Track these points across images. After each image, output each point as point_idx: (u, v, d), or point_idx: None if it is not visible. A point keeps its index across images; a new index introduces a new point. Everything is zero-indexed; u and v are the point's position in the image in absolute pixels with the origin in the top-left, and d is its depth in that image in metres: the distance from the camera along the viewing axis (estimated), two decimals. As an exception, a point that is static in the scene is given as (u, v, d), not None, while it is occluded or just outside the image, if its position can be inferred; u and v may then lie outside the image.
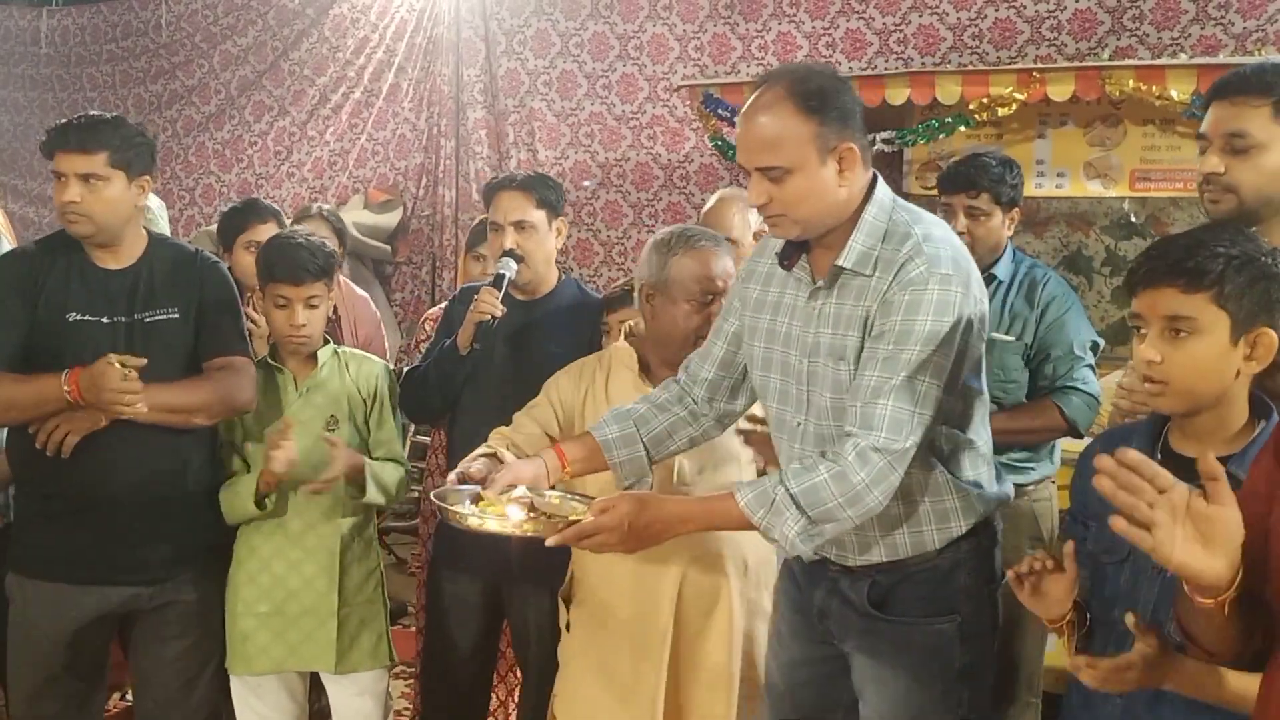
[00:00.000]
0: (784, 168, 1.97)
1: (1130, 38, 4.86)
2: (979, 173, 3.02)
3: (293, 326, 2.74)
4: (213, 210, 7.03)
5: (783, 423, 2.18)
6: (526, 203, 2.93)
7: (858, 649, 2.19)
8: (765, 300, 2.21)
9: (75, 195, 2.56)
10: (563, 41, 6.11)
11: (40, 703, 2.69)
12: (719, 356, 2.30)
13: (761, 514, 1.96)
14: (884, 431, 1.93)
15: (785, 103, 1.97)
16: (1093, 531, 1.88)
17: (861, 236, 2.02)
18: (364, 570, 2.84)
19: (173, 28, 7.18)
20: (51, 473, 2.60)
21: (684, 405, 2.32)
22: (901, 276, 1.97)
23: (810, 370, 2.10)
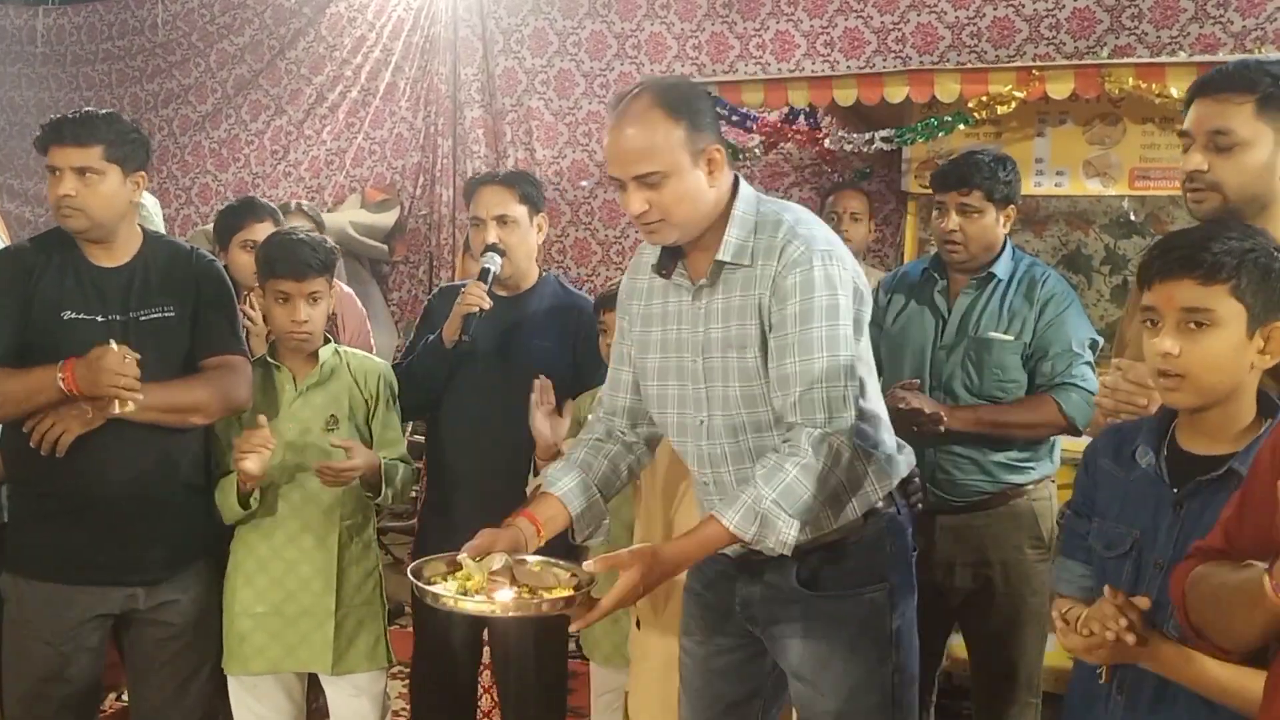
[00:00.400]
0: (661, 173, 2.05)
1: (1129, 36, 4.86)
2: (971, 170, 3.00)
3: (294, 322, 2.72)
4: (209, 210, 7.01)
5: (684, 427, 2.24)
6: (508, 197, 2.96)
7: (788, 632, 2.23)
8: (651, 314, 2.28)
9: (70, 189, 2.55)
10: (560, 40, 6.10)
11: (36, 704, 2.67)
12: (630, 381, 2.34)
13: (754, 530, 2.02)
14: (827, 413, 2.05)
15: (654, 110, 2.05)
16: (1095, 526, 1.88)
17: (735, 230, 2.12)
18: (362, 571, 2.82)
19: (169, 26, 7.16)
20: (46, 472, 2.59)
21: (614, 439, 2.35)
22: (785, 259, 2.08)
23: (706, 367, 2.17)
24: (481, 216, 2.97)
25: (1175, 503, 1.75)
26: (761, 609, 2.26)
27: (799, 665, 2.24)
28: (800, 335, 2.05)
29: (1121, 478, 1.85)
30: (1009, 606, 3.03)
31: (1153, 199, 4.25)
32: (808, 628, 2.21)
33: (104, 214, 2.60)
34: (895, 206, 5.26)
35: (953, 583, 3.01)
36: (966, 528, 3.00)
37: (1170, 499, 1.76)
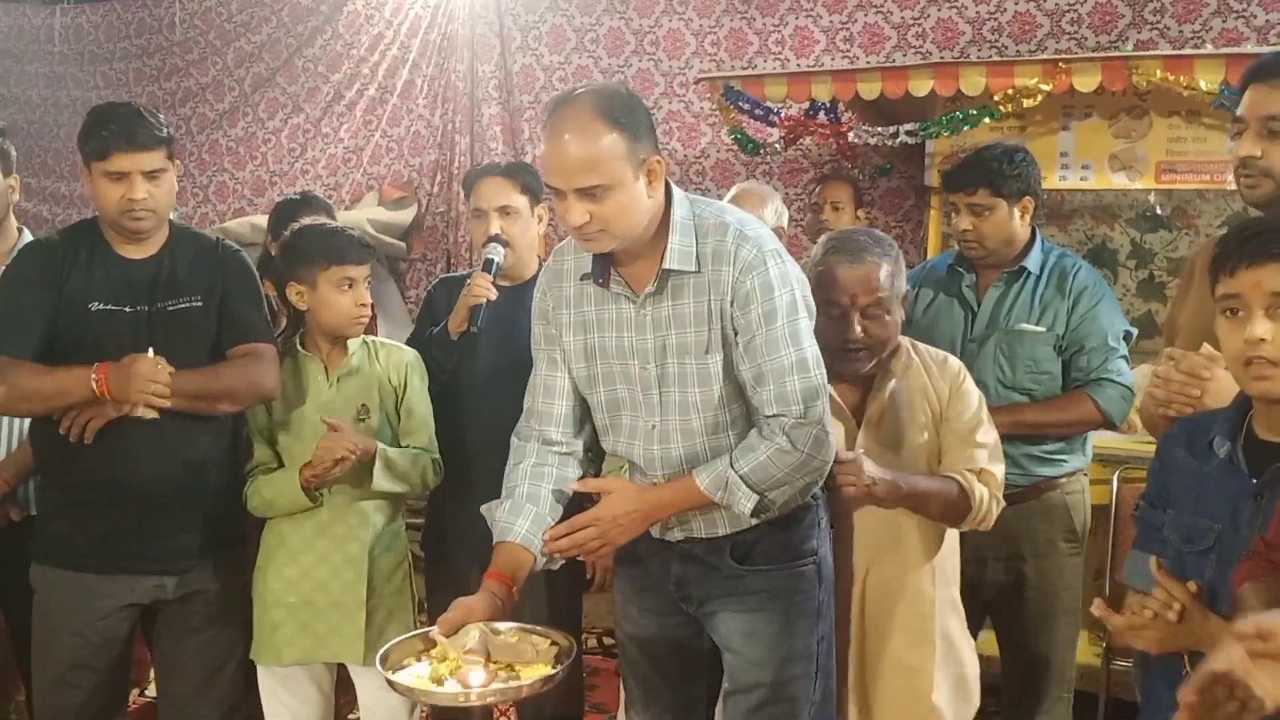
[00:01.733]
0: (604, 185, 2.04)
1: (1151, 30, 4.84)
2: (975, 169, 2.98)
3: (360, 306, 2.74)
4: (226, 208, 7.04)
5: (634, 429, 2.27)
6: (510, 188, 2.96)
7: (723, 607, 2.32)
8: (581, 321, 2.28)
9: (144, 193, 2.56)
10: (578, 37, 6.10)
11: (63, 693, 2.66)
12: (566, 387, 2.33)
13: (720, 494, 2.16)
14: (801, 404, 2.13)
15: (595, 121, 2.04)
16: (1170, 518, 1.85)
17: (677, 238, 2.14)
18: (392, 561, 2.81)
19: (186, 25, 7.18)
20: (74, 462, 2.59)
21: (553, 452, 2.33)
22: (739, 264, 2.12)
23: (661, 374, 2.21)
24: (483, 208, 2.97)
25: (1255, 493, 1.72)
26: (696, 587, 2.33)
27: (732, 638, 2.32)
28: (767, 335, 2.12)
29: (1197, 468, 1.82)
30: (1041, 601, 3.01)
31: (1179, 192, 4.23)
32: (741, 601, 2.30)
33: (167, 210, 2.65)
34: (916, 202, 5.26)
35: (985, 577, 2.99)
36: (998, 521, 2.98)
37: (1249, 489, 1.73)
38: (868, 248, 2.40)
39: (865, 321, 2.38)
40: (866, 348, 2.40)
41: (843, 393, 2.45)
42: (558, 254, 2.34)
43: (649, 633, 2.43)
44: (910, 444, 2.45)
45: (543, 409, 2.34)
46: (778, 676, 2.29)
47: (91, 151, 2.57)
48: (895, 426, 2.45)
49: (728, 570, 2.29)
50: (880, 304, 2.38)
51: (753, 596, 2.29)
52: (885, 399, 2.45)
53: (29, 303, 2.57)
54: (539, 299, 2.36)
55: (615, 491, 2.22)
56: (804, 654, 2.32)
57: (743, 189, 3.57)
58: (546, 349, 2.35)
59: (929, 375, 2.48)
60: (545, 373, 2.35)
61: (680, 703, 2.46)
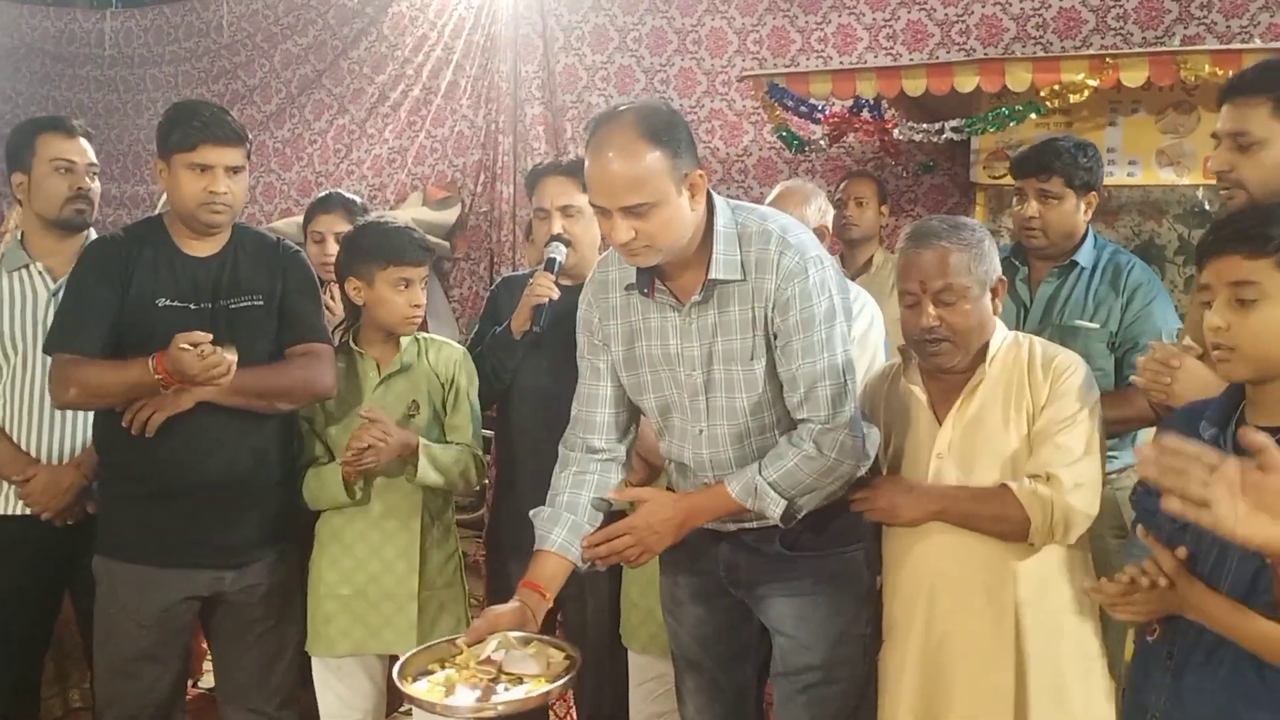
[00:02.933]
0: (649, 203, 2.08)
1: (1198, 26, 4.79)
2: (1051, 156, 3.00)
3: (415, 306, 2.79)
4: (273, 208, 7.12)
5: (684, 432, 2.33)
6: (573, 188, 2.96)
7: (773, 592, 2.37)
8: (626, 331, 2.34)
9: (225, 187, 2.65)
10: (620, 36, 6.12)
11: (124, 682, 2.73)
12: (609, 395, 2.40)
13: (750, 500, 2.23)
14: (829, 410, 2.19)
15: (638, 140, 2.07)
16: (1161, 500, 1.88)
17: (721, 247, 2.19)
18: (444, 554, 2.85)
19: (234, 28, 7.28)
20: (137, 457, 2.65)
21: (596, 460, 2.39)
22: (782, 271, 2.17)
23: (708, 380, 2.26)
24: (546, 207, 2.98)
25: None
26: (746, 572, 2.39)
27: (782, 622, 2.38)
28: (804, 341, 2.18)
29: None
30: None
31: (1228, 188, 4.20)
32: (792, 586, 2.36)
33: (240, 208, 2.74)
34: (960, 199, 5.23)
35: None
36: None
37: None
38: (939, 233, 2.33)
39: (939, 309, 2.30)
40: (945, 338, 2.31)
41: (935, 391, 2.39)
42: (602, 264, 2.39)
43: (698, 617, 2.47)
44: (994, 450, 2.31)
45: (585, 417, 2.40)
46: (828, 659, 2.35)
47: (177, 143, 2.63)
48: (982, 430, 2.33)
49: (777, 556, 2.35)
50: (953, 290, 2.29)
51: (802, 581, 2.35)
52: (975, 400, 2.34)
53: (96, 301, 2.63)
54: (584, 309, 2.41)
55: (650, 500, 2.28)
56: (854, 637, 2.37)
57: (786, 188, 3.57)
58: (590, 358, 2.41)
59: (1030, 374, 2.33)
60: (588, 381, 2.41)
61: (730, 686, 2.50)
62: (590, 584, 2.95)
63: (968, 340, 2.33)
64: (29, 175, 3.02)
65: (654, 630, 2.85)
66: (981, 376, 2.33)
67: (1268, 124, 2.16)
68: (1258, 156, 2.17)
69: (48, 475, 2.91)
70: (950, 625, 2.33)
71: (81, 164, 3.04)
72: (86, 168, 3.06)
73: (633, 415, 2.44)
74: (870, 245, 4.41)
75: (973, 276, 2.31)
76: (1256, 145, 2.17)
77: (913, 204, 5.45)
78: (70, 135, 3.06)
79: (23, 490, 2.91)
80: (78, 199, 3.03)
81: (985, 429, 2.32)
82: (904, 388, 2.45)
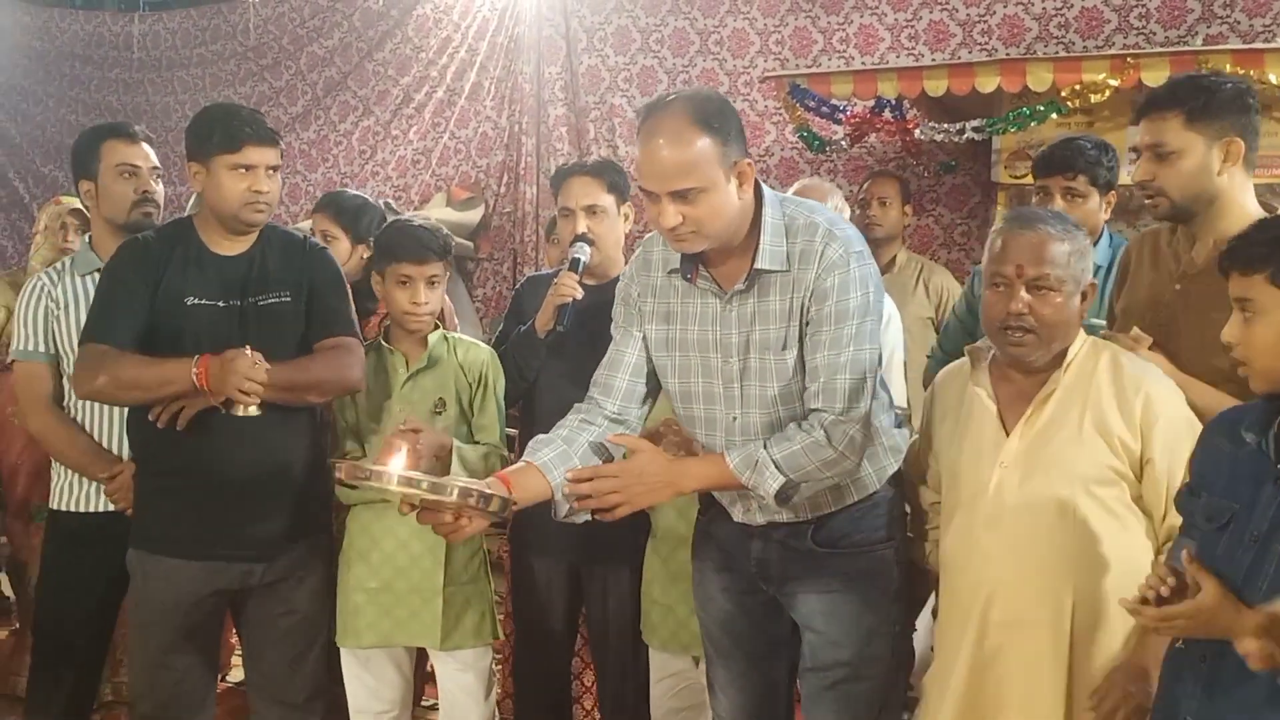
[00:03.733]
0: (698, 188, 2.10)
1: (1221, 25, 4.80)
2: (1076, 155, 3.05)
3: (414, 304, 2.82)
4: (299, 209, 7.18)
5: (713, 421, 2.34)
6: (597, 188, 3.00)
7: (804, 588, 2.39)
8: (665, 312, 2.36)
9: (266, 186, 2.71)
10: (643, 38, 6.16)
11: (158, 674, 2.77)
12: (633, 363, 2.40)
13: (748, 474, 2.20)
14: (845, 403, 2.18)
15: (689, 126, 2.10)
16: (1203, 501, 1.90)
17: (768, 238, 2.20)
18: (468, 551, 2.89)
19: (260, 31, 7.36)
20: (167, 452, 2.70)
21: (605, 416, 2.39)
22: (824, 262, 2.18)
23: (743, 367, 2.28)
24: (571, 207, 3.01)
25: (1276, 476, 1.77)
26: (777, 568, 2.41)
27: (812, 617, 2.40)
28: (834, 332, 2.19)
29: (1230, 454, 1.87)
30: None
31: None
32: (823, 582, 2.38)
33: (276, 205, 2.80)
34: (981, 199, 5.25)
35: None
36: None
37: (1272, 474, 1.78)
38: (1045, 219, 2.23)
39: (1031, 297, 2.18)
40: (1030, 329, 2.19)
41: (1003, 397, 2.28)
42: (648, 244, 2.42)
43: (729, 613, 2.49)
44: (1063, 464, 2.19)
45: (604, 380, 2.42)
46: (857, 655, 2.37)
47: (220, 144, 2.68)
48: (1052, 443, 2.21)
49: (808, 552, 2.37)
50: (1049, 280, 2.17)
51: (834, 578, 2.37)
52: (1047, 410, 2.22)
53: (128, 297, 2.69)
54: (625, 283, 2.44)
55: (644, 452, 2.22)
56: (883, 635, 2.39)
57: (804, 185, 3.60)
58: (625, 325, 2.43)
59: (1116, 390, 2.19)
60: (617, 345, 2.43)
61: (762, 681, 2.52)
62: (612, 581, 2.99)
63: (1052, 335, 2.21)
64: (95, 182, 3.08)
65: (674, 628, 2.88)
66: (1055, 385, 2.22)
67: (1182, 134, 2.31)
68: (1175, 165, 2.32)
69: (132, 471, 2.96)
70: (1004, 639, 2.22)
71: (145, 168, 3.10)
72: (150, 171, 3.12)
73: (651, 390, 2.43)
74: (893, 245, 4.43)
75: (1069, 271, 2.20)
76: (1173, 155, 2.32)
77: (934, 204, 5.47)
78: (133, 140, 3.11)
79: (109, 487, 2.96)
80: (144, 202, 3.08)
81: (1055, 442, 2.20)
82: (970, 391, 2.33)
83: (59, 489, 3.07)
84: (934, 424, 2.45)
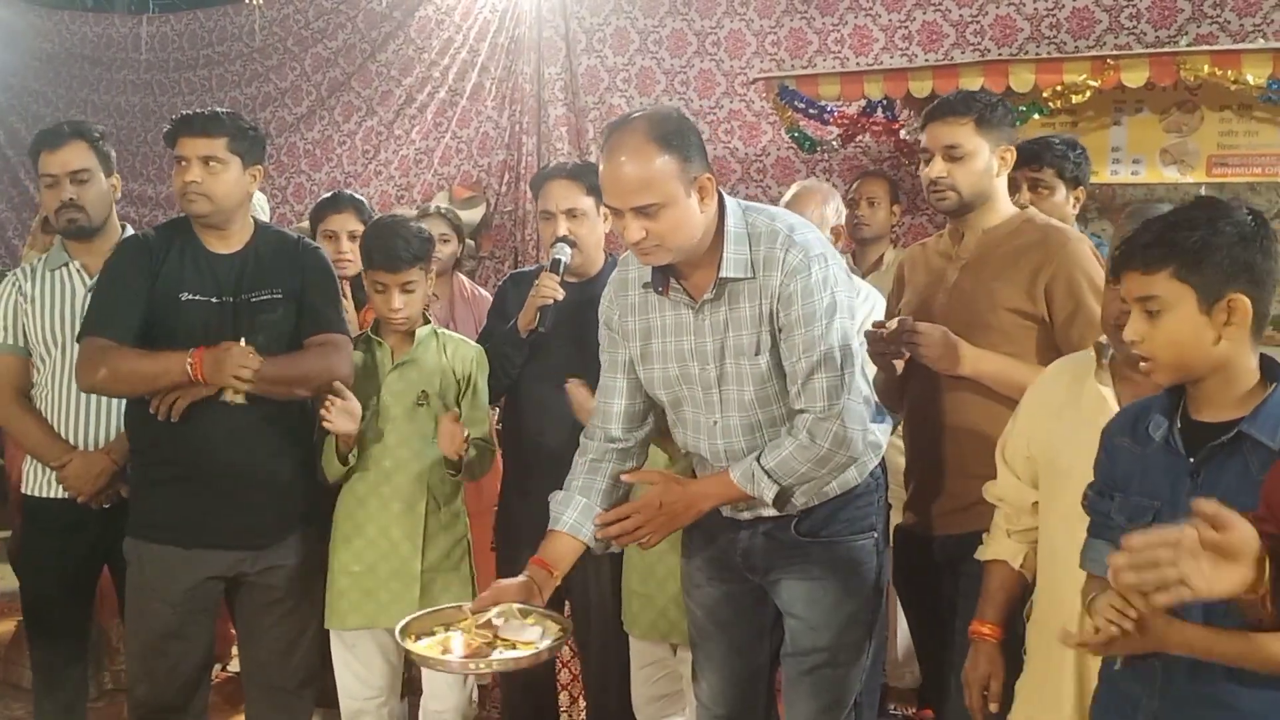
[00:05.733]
0: (657, 204, 2.19)
1: (1211, 24, 4.82)
2: (1043, 149, 3.22)
3: (391, 310, 2.92)
4: (303, 208, 7.25)
5: (698, 424, 2.45)
6: (576, 191, 3.08)
7: (788, 575, 2.48)
8: (643, 328, 2.46)
9: (197, 176, 2.78)
10: (641, 39, 6.22)
11: (155, 659, 2.87)
12: (624, 387, 2.52)
13: (749, 485, 2.32)
14: (824, 401, 2.29)
15: (648, 144, 2.19)
16: (1118, 502, 1.93)
17: (731, 247, 2.30)
18: (451, 538, 2.98)
19: (266, 32, 7.44)
20: (162, 443, 2.80)
21: (613, 449, 2.50)
22: (786, 268, 2.28)
23: (721, 373, 2.37)
24: (551, 210, 3.09)
25: (1191, 471, 1.81)
26: (762, 558, 2.49)
27: (794, 604, 2.49)
28: (805, 335, 2.28)
29: (1139, 452, 1.91)
30: None
31: (1231, 186, 4.25)
32: (805, 570, 2.47)
33: (224, 200, 2.82)
34: (972, 197, 5.30)
35: None
36: None
37: (1186, 468, 1.81)
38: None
39: None
40: None
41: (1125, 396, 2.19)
42: (623, 264, 2.51)
43: (715, 600, 2.58)
44: None
45: (603, 407, 2.52)
46: (834, 642, 2.47)
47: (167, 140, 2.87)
48: None
49: (792, 542, 2.46)
50: None
51: (815, 566, 2.46)
52: None
53: (127, 293, 2.79)
54: (605, 307, 2.53)
55: (660, 483, 2.38)
56: (861, 622, 2.49)
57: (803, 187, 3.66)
58: (610, 351, 2.53)
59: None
60: (607, 373, 2.54)
61: (745, 667, 2.60)
62: (594, 573, 3.07)
63: None
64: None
65: (653, 617, 2.95)
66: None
67: (973, 138, 2.64)
68: (967, 165, 2.65)
69: (82, 461, 3.06)
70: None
71: (63, 175, 3.12)
72: (69, 176, 3.12)
73: (648, 406, 2.54)
74: (881, 244, 4.49)
75: None
76: (966, 156, 2.64)
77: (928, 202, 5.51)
78: (54, 148, 3.14)
79: (59, 475, 3.07)
80: (65, 208, 3.12)
81: None
82: (1091, 388, 2.26)
83: (28, 474, 3.20)
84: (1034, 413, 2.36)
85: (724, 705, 2.60)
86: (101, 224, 3.18)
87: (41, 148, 3.17)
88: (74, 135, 3.16)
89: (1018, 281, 2.62)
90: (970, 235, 2.74)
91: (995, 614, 2.38)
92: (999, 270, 2.66)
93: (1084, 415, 2.22)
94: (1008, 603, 2.38)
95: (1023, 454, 2.35)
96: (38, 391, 3.14)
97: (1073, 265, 2.61)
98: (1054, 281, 2.60)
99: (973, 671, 2.37)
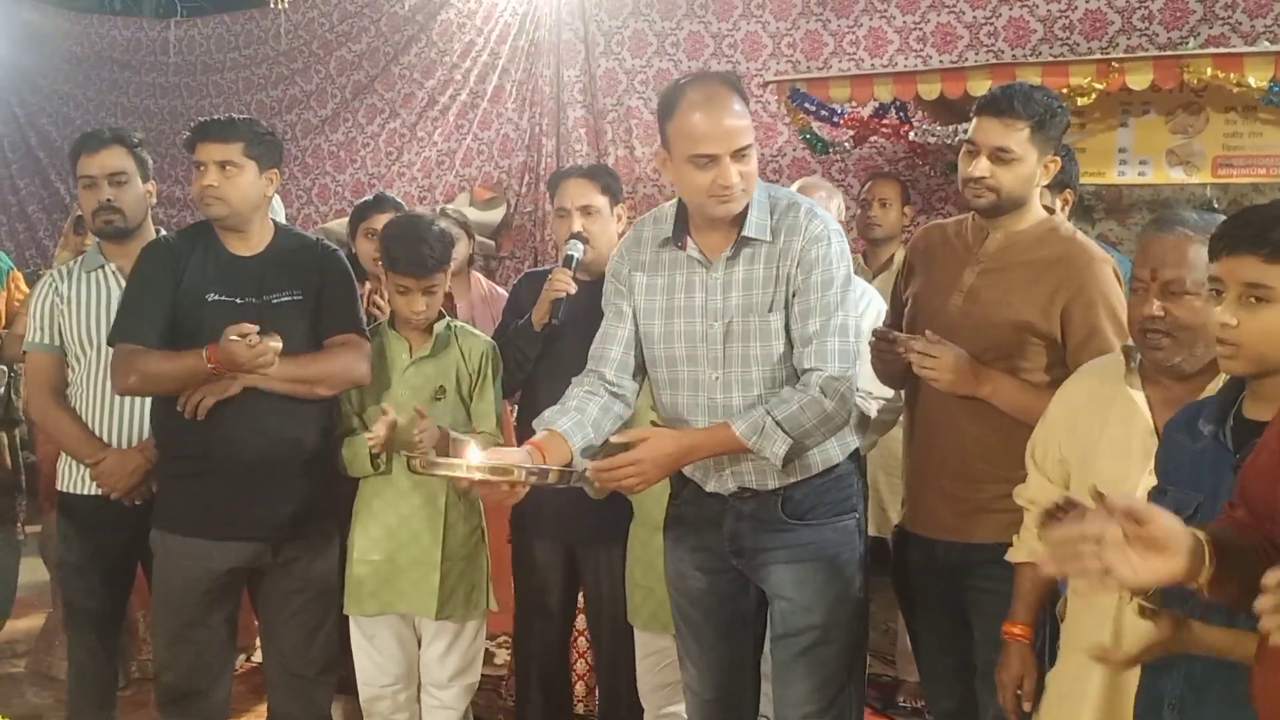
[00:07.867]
0: (750, 145, 2.37)
1: (1223, 26, 4.87)
2: None
3: (413, 312, 3.01)
4: (328, 209, 7.40)
5: (696, 382, 2.51)
6: (591, 189, 3.16)
7: (775, 559, 2.55)
8: (655, 284, 2.54)
9: (214, 180, 2.88)
10: (659, 41, 6.30)
11: (180, 647, 2.97)
12: (625, 336, 2.58)
13: (754, 439, 2.36)
14: (837, 363, 2.39)
15: (735, 96, 2.37)
16: (1170, 496, 1.92)
17: (755, 212, 2.43)
18: (468, 528, 3.07)
19: (291, 36, 7.57)
20: (186, 438, 2.89)
21: (605, 388, 2.58)
22: (808, 235, 2.41)
23: (728, 330, 2.46)
24: (566, 207, 3.17)
25: (1235, 466, 1.80)
26: (749, 540, 2.55)
27: (783, 586, 2.55)
28: (823, 298, 2.40)
29: (1190, 448, 1.91)
30: None
31: (1236, 186, 4.30)
32: (792, 553, 2.53)
33: (241, 204, 2.92)
34: (986, 198, 5.34)
35: None
36: None
37: (1231, 463, 1.81)
38: (1184, 221, 2.16)
39: (1165, 300, 2.12)
40: (1166, 332, 2.12)
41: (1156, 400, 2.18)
42: (639, 224, 2.62)
43: (700, 589, 2.65)
44: None
45: (600, 352, 2.61)
46: (826, 620, 2.53)
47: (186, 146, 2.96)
48: None
49: (779, 524, 2.53)
50: (1185, 284, 2.10)
51: (803, 548, 2.53)
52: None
53: (154, 296, 2.89)
54: (615, 261, 2.63)
55: (653, 436, 2.41)
56: (850, 600, 2.57)
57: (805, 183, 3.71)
58: (615, 301, 2.61)
59: None
60: (609, 321, 2.62)
61: (730, 653, 2.67)
62: (605, 560, 3.15)
63: (1193, 339, 2.12)
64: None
65: (654, 608, 3.02)
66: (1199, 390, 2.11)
67: (1025, 145, 2.54)
68: (1014, 169, 2.55)
69: (116, 458, 3.15)
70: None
71: (101, 177, 3.22)
72: (108, 179, 3.22)
73: (641, 365, 2.60)
74: (892, 244, 4.54)
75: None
76: (1015, 160, 2.54)
77: (943, 202, 5.58)
78: (93, 152, 3.25)
79: (93, 472, 3.17)
80: (102, 210, 3.22)
81: None
82: (1122, 391, 2.24)
83: (63, 471, 3.29)
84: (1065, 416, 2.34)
85: (712, 690, 2.67)
86: (137, 227, 3.27)
87: (81, 150, 3.28)
88: (113, 139, 3.27)
89: (1035, 299, 2.57)
90: (995, 237, 2.66)
91: (1027, 614, 2.37)
92: (1018, 283, 2.60)
93: (1116, 418, 2.22)
94: (1039, 603, 2.38)
95: (1054, 456, 2.33)
96: (73, 390, 3.24)
97: (1093, 289, 2.55)
98: (1072, 303, 2.54)
99: (1005, 672, 2.39)
